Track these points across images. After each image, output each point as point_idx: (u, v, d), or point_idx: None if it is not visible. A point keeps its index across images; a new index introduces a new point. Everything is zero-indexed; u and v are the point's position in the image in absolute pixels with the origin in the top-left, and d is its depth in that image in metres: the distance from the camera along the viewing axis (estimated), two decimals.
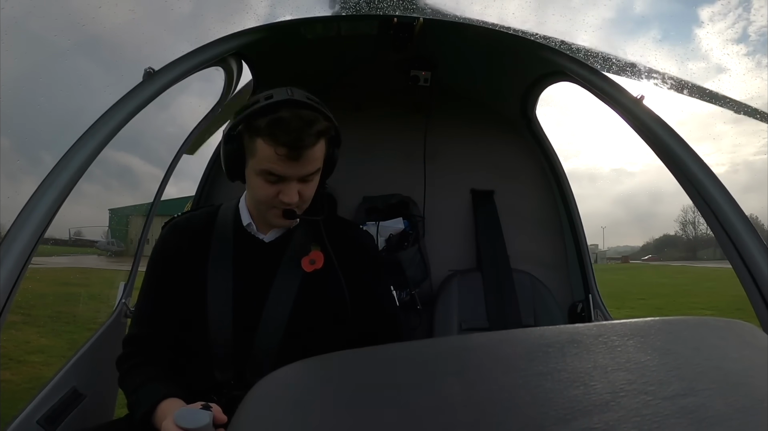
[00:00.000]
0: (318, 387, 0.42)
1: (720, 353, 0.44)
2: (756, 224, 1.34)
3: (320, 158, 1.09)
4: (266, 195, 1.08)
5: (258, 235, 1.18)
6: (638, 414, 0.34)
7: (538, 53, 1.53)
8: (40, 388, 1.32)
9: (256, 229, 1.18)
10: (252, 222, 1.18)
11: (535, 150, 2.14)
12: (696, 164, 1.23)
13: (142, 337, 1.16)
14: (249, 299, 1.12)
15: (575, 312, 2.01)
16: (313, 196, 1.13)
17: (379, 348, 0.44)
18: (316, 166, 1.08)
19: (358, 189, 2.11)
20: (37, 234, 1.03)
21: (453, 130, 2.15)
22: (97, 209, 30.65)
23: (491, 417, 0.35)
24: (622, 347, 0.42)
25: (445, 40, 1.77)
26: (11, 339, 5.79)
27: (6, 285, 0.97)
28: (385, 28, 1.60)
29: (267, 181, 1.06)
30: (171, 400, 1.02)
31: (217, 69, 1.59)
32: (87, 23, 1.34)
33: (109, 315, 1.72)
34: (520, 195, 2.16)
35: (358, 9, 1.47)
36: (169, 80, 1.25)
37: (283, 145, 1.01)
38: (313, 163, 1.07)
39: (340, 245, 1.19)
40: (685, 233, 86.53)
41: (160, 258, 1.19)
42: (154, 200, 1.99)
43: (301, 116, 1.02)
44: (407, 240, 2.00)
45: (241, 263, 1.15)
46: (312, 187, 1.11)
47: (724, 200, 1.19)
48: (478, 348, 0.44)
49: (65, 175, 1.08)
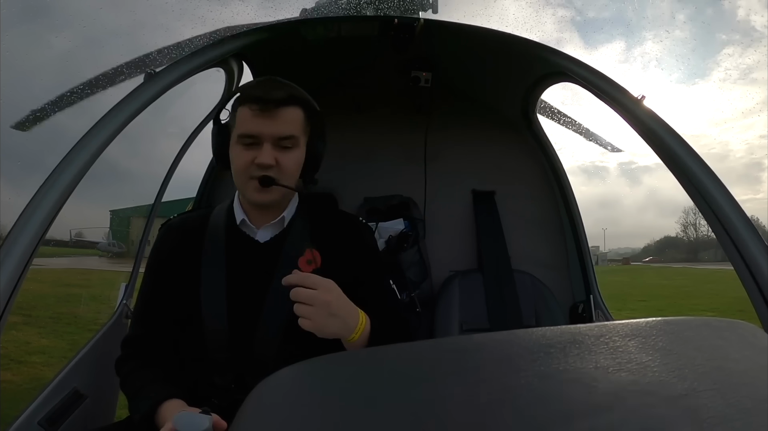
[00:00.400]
0: (318, 389, 0.41)
1: (722, 353, 0.44)
2: (756, 225, 1.34)
3: (296, 125, 1.10)
4: (243, 162, 1.08)
5: (252, 235, 1.17)
6: (640, 415, 0.34)
7: (539, 53, 1.53)
8: (41, 389, 1.32)
9: (250, 224, 1.16)
10: (246, 218, 1.16)
11: (536, 150, 2.14)
12: (697, 164, 1.23)
13: (141, 339, 1.16)
14: (245, 302, 1.11)
15: (576, 312, 2.01)
16: (294, 173, 1.12)
17: (380, 349, 0.44)
18: (291, 131, 1.09)
19: (359, 190, 2.11)
20: (38, 235, 1.03)
21: (454, 131, 2.15)
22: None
23: (493, 418, 0.35)
24: (624, 347, 0.42)
25: (446, 41, 1.77)
26: (12, 339, 5.80)
27: (7, 286, 0.97)
28: (386, 29, 1.60)
29: (243, 147, 1.08)
30: (171, 402, 1.01)
31: (218, 70, 1.59)
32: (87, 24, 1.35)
33: (110, 316, 1.72)
34: (521, 196, 2.16)
35: (359, 10, 1.47)
36: (170, 81, 1.26)
37: (255, 99, 1.06)
38: (287, 124, 1.08)
39: (337, 242, 1.19)
40: (686, 235, 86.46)
41: (156, 259, 1.19)
42: (155, 201, 2.00)
43: (276, 79, 1.11)
44: (407, 242, 1.99)
45: (235, 264, 1.14)
46: (291, 158, 1.10)
47: (725, 200, 1.19)
48: (480, 348, 0.44)
49: (67, 176, 1.08)
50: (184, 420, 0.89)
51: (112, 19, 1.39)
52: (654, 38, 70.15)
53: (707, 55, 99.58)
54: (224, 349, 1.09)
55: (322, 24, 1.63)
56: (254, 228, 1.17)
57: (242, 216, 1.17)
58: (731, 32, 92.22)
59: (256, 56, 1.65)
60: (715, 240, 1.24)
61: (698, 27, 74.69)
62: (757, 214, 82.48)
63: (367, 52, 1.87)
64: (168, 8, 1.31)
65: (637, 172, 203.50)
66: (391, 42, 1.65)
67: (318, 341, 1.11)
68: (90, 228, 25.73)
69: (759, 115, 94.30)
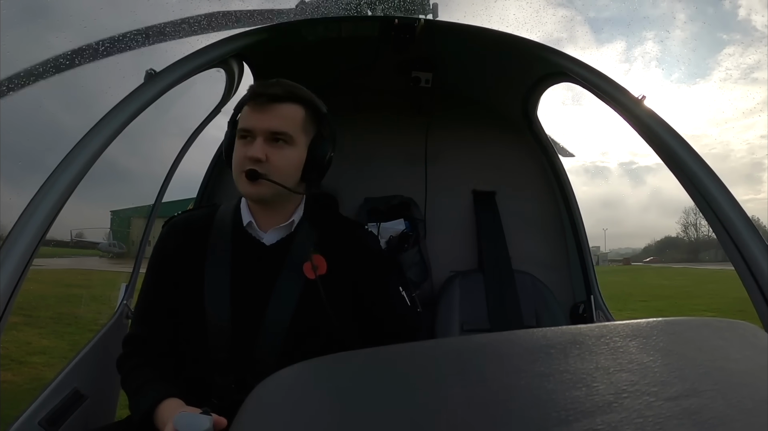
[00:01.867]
0: (319, 389, 0.41)
1: (722, 354, 0.44)
2: (757, 225, 1.34)
3: (292, 122, 1.09)
4: (237, 156, 1.10)
5: (258, 237, 1.16)
6: (641, 415, 0.34)
7: (539, 54, 1.53)
8: (41, 389, 1.32)
9: (257, 227, 1.16)
10: (253, 221, 1.15)
11: (537, 151, 2.14)
12: (697, 164, 1.23)
13: (142, 337, 1.15)
14: (248, 304, 1.11)
15: (577, 313, 2.01)
16: (286, 170, 1.10)
17: (381, 350, 0.44)
18: (284, 127, 1.08)
19: (360, 190, 2.11)
20: (38, 235, 1.03)
21: (454, 131, 2.15)
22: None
23: (493, 418, 0.35)
24: (625, 348, 0.42)
25: (447, 41, 1.77)
26: (13, 340, 5.79)
27: (7, 286, 0.97)
28: (387, 30, 1.60)
29: (240, 141, 1.10)
30: (170, 401, 1.01)
31: (218, 70, 1.59)
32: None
33: (110, 317, 1.72)
34: (521, 196, 2.16)
35: (359, 10, 1.47)
36: (170, 81, 1.26)
37: (253, 95, 1.09)
38: (280, 119, 1.08)
39: (343, 247, 1.18)
40: (687, 235, 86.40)
41: (159, 257, 1.18)
42: (156, 201, 2.00)
43: (281, 80, 1.12)
44: (407, 242, 2.00)
45: (240, 265, 1.13)
46: (283, 155, 1.09)
47: (726, 200, 1.19)
48: (480, 349, 0.44)
49: (67, 176, 1.08)
50: (184, 421, 0.89)
51: (112, 18, 1.39)
52: (654, 38, 70.25)
53: (708, 55, 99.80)
54: (226, 349, 1.09)
55: (323, 24, 1.63)
56: (260, 230, 1.16)
57: (249, 218, 1.16)
58: (732, 32, 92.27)
59: (256, 56, 1.66)
60: (715, 240, 1.24)
61: (699, 27, 74.98)
62: (758, 214, 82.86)
63: (367, 53, 1.87)
64: (168, 8, 1.31)
65: (638, 172, 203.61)
66: (392, 42, 1.65)
67: (319, 344, 1.11)
68: (91, 229, 25.76)
69: (760, 115, 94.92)
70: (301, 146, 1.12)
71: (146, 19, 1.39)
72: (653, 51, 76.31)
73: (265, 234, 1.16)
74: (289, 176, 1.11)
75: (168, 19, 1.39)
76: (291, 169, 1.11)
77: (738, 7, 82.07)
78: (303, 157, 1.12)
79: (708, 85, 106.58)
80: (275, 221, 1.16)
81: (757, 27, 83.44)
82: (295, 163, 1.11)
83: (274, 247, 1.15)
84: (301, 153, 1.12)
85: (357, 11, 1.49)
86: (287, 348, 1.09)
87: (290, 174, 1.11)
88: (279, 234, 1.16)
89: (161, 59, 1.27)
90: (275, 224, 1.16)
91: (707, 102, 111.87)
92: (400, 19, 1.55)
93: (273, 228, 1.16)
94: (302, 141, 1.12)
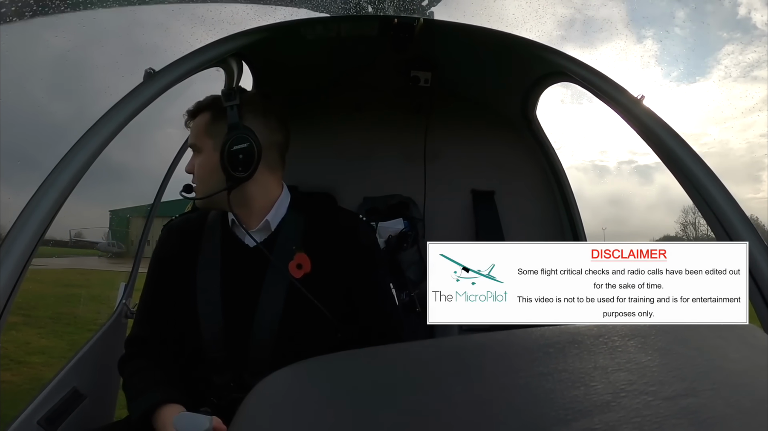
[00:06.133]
0: (317, 389, 0.41)
1: (721, 353, 0.44)
2: (756, 224, 1.33)
3: (198, 131, 1.16)
4: None
5: (243, 238, 1.15)
6: (639, 415, 0.34)
7: (539, 53, 1.53)
8: (40, 389, 1.32)
9: (240, 226, 1.14)
10: (236, 220, 1.14)
11: (536, 150, 2.14)
12: (696, 164, 1.23)
13: (143, 339, 1.17)
14: (239, 304, 1.12)
15: None
16: (203, 177, 1.15)
17: (379, 349, 0.44)
18: (193, 139, 1.16)
19: (359, 190, 2.11)
20: (37, 234, 1.03)
21: (453, 131, 2.15)
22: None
23: (491, 418, 0.35)
24: (623, 347, 0.42)
25: (446, 40, 1.77)
26: (12, 340, 5.79)
27: (6, 286, 0.97)
28: (386, 29, 1.60)
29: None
30: (169, 406, 1.02)
31: (217, 70, 1.59)
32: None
33: (109, 316, 1.72)
34: (521, 195, 2.16)
35: (358, 9, 1.47)
36: (169, 81, 1.25)
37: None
38: (192, 133, 1.17)
39: (331, 243, 1.17)
40: (686, 234, 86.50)
41: (158, 261, 1.21)
42: (155, 201, 2.00)
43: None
44: (406, 241, 1.99)
45: (229, 267, 1.14)
46: (198, 165, 1.15)
47: (725, 200, 1.19)
48: (478, 348, 0.44)
49: (66, 176, 1.08)
50: (184, 421, 0.89)
51: (112, 19, 1.38)
52: (654, 36, 70.08)
53: (707, 53, 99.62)
54: (221, 349, 1.10)
55: (322, 24, 1.63)
56: (244, 231, 1.15)
57: (232, 217, 1.16)
58: (732, 30, 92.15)
59: (256, 56, 1.65)
60: (714, 239, 1.24)
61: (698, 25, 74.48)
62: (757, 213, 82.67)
63: (366, 52, 1.87)
64: (168, 8, 1.31)
65: (639, 172, 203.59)
66: (391, 42, 1.65)
67: (311, 339, 1.12)
68: (89, 228, 25.69)
69: (759, 114, 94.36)
70: (208, 150, 1.13)
71: (146, 19, 1.38)
72: (653, 50, 76.47)
73: (248, 235, 1.15)
74: (205, 181, 1.14)
75: (167, 18, 1.39)
76: (205, 174, 1.14)
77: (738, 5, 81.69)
78: (214, 159, 1.10)
79: (707, 84, 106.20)
80: (254, 222, 1.16)
81: (756, 25, 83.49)
82: (209, 168, 1.12)
83: (258, 248, 1.13)
84: (210, 157, 1.12)
85: (357, 10, 1.49)
86: (280, 347, 1.09)
87: (206, 179, 1.14)
88: (261, 235, 1.16)
89: (161, 59, 1.27)
90: (254, 225, 1.16)
91: (706, 100, 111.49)
92: (400, 19, 1.55)
93: (252, 230, 1.15)
94: (208, 145, 1.13)
